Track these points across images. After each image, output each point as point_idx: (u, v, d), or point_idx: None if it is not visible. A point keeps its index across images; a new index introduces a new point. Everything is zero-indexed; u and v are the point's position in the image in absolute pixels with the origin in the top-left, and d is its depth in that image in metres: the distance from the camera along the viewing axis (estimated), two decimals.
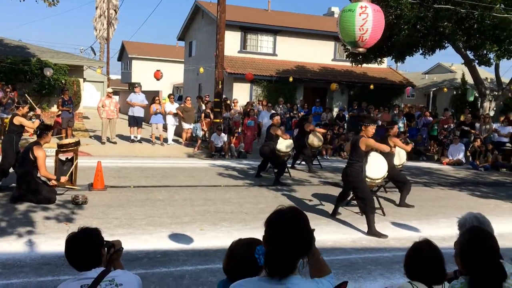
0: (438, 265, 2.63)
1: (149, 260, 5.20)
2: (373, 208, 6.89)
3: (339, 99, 24.61)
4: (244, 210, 7.68)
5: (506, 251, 5.97)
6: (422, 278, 2.63)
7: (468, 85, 25.45)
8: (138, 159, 13.03)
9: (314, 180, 11.22)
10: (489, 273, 2.28)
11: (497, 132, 15.99)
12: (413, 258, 2.71)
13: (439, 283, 2.60)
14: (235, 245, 2.50)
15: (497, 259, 2.35)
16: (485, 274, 2.28)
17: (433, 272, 2.63)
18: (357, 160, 6.96)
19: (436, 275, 2.62)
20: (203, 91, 25.27)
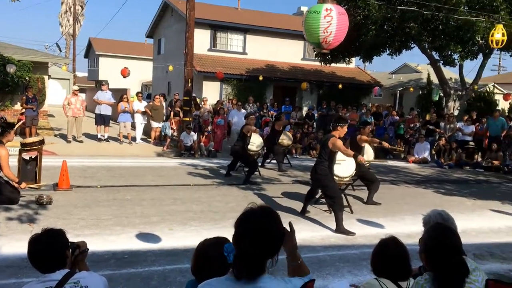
0: (404, 262, 2.69)
1: (116, 261, 5.11)
2: (342, 206, 6.98)
3: (309, 98, 24.84)
4: (214, 209, 7.66)
5: (469, 247, 6.20)
6: (388, 274, 2.68)
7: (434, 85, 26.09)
8: (105, 158, 12.80)
9: (284, 179, 11.28)
10: (452, 269, 2.34)
11: (461, 131, 16.47)
12: (380, 255, 2.76)
13: (404, 279, 2.66)
14: (202, 245, 2.49)
15: (460, 256, 2.41)
16: (448, 270, 2.34)
17: (399, 269, 2.69)
18: (326, 158, 7.04)
19: (402, 272, 2.68)
20: (172, 89, 25.05)
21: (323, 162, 7.04)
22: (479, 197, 10.32)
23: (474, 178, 13.53)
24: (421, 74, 33.15)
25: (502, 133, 15.69)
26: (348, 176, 7.79)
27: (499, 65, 52.66)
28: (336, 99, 21.05)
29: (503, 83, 39.50)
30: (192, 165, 12.50)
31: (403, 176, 13.08)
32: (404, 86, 31.27)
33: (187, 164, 12.56)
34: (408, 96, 29.42)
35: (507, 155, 15.16)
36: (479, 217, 8.36)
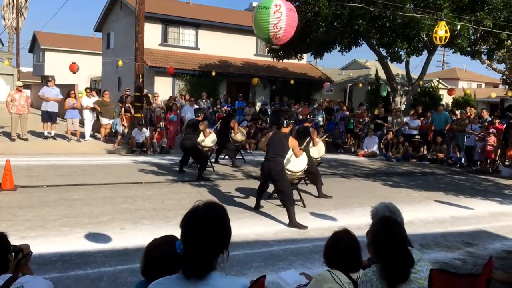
0: (355, 254, 2.76)
1: (63, 263, 4.93)
2: (293, 201, 7.07)
3: (262, 93, 24.95)
4: (166, 207, 7.55)
5: (415, 236, 6.44)
6: (340, 266, 2.75)
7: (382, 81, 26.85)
8: (52, 156, 12.34)
9: (238, 174, 11.29)
10: (398, 260, 2.41)
11: (407, 125, 17.05)
12: (333, 247, 2.82)
13: (356, 271, 2.72)
14: (150, 245, 2.44)
15: (405, 247, 2.49)
16: (395, 262, 2.41)
17: (351, 261, 2.76)
18: (282, 155, 7.15)
19: (354, 264, 2.75)
20: (123, 85, 24.46)
21: (278, 158, 7.12)
22: (425, 188, 10.73)
23: (420, 170, 14.06)
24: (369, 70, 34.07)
25: (446, 127, 16.37)
26: (300, 170, 7.89)
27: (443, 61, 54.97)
28: (289, 95, 21.28)
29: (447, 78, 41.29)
30: (144, 162, 12.27)
31: (353, 169, 13.41)
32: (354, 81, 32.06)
33: (139, 161, 12.31)
34: (357, 91, 30.17)
35: (451, 147, 15.84)
36: (425, 208, 8.69)
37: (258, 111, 20.08)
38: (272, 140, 7.29)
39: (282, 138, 7.18)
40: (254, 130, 16.95)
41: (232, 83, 23.95)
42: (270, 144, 7.27)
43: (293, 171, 7.70)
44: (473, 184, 11.97)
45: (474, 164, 14.88)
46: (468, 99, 26.65)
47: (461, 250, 6.26)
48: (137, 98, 14.85)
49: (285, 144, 7.15)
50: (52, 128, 14.85)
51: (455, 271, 5.32)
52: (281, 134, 7.27)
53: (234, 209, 7.58)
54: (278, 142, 7.18)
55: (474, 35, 17.87)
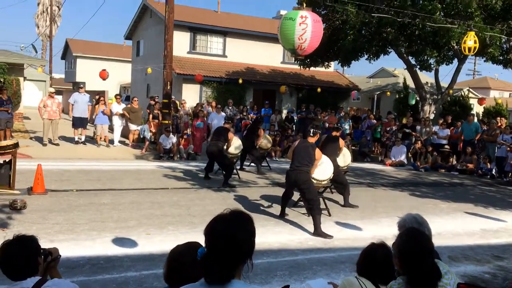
0: (388, 268, 2.75)
1: (91, 267, 5.03)
2: (320, 209, 7.03)
3: (288, 101, 24.94)
4: (192, 213, 7.61)
5: (443, 249, 6.30)
6: (371, 277, 2.75)
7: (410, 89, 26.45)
8: (82, 161, 12.61)
9: (263, 182, 11.29)
10: (424, 273, 2.37)
11: (436, 134, 16.75)
12: (367, 257, 2.83)
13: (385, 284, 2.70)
14: (173, 251, 2.46)
15: (432, 259, 2.44)
16: (421, 274, 2.37)
17: (383, 273, 2.75)
18: (308, 164, 7.15)
19: (385, 276, 2.74)
20: (151, 92, 24.83)
21: (305, 168, 7.11)
22: (454, 199, 10.50)
23: (449, 181, 13.77)
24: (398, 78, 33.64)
25: (476, 137, 16.01)
26: (326, 179, 7.84)
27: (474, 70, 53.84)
28: (315, 103, 21.19)
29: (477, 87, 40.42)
30: (170, 168, 12.41)
31: (380, 179, 13.24)
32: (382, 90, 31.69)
33: (165, 167, 12.46)
34: (385, 100, 29.81)
35: (481, 158, 15.47)
36: (454, 220, 8.50)
37: (284, 118, 20.07)
38: (297, 149, 7.28)
39: (308, 148, 7.18)
40: (280, 137, 16.95)
41: (259, 91, 24.03)
42: (295, 153, 7.26)
43: (319, 180, 7.65)
44: (504, 196, 11.65)
45: (505, 175, 14.48)
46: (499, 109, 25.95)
47: (491, 264, 6.09)
48: (165, 105, 15.06)
49: (311, 154, 7.14)
50: (83, 133, 15.20)
51: (484, 285, 5.19)
52: (308, 144, 7.27)
53: (259, 216, 7.58)
54: (304, 151, 7.17)
55: (506, 44, 17.46)
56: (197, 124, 15.57)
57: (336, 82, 26.46)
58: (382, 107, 28.20)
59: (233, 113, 18.64)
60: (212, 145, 10.58)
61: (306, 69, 22.64)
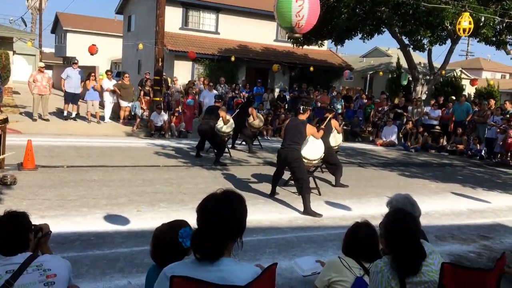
0: (373, 247, 2.82)
1: (82, 243, 5.07)
2: (309, 189, 7.09)
3: (281, 80, 24.85)
4: (183, 191, 7.65)
5: (430, 228, 6.42)
6: (356, 255, 2.84)
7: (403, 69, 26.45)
8: (73, 137, 12.55)
9: (254, 160, 11.34)
10: (409, 253, 2.43)
11: (427, 115, 16.83)
12: (351, 237, 2.91)
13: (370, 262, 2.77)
14: (157, 230, 2.50)
15: (417, 240, 2.50)
16: (406, 254, 2.42)
17: (368, 252, 2.83)
18: (299, 142, 7.15)
19: (370, 255, 2.82)
20: (142, 68, 24.63)
21: (295, 146, 7.11)
22: (443, 180, 10.63)
23: (439, 161, 13.91)
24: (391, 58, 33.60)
25: (467, 118, 16.12)
26: (317, 158, 7.87)
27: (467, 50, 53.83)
28: (308, 81, 21.15)
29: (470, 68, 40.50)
30: (162, 145, 12.41)
31: (370, 158, 13.34)
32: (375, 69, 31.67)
33: (157, 145, 12.45)
34: (378, 79, 29.82)
35: (471, 139, 15.61)
36: (442, 200, 8.62)
37: (276, 97, 20.03)
38: (288, 127, 7.29)
39: (299, 125, 7.17)
40: (272, 116, 16.95)
41: (251, 69, 23.90)
42: (286, 132, 7.27)
43: (310, 159, 7.69)
44: (492, 176, 11.81)
45: (494, 157, 14.65)
46: (491, 90, 26.12)
47: (476, 244, 6.22)
48: (156, 82, 14.96)
49: (302, 132, 7.13)
50: (74, 109, 15.08)
51: (469, 264, 5.31)
52: (298, 121, 7.25)
53: (249, 195, 7.64)
54: (295, 129, 7.17)
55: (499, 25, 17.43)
56: (187, 102, 15.49)
57: (329, 61, 26.37)
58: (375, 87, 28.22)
59: (225, 91, 18.57)
60: (204, 124, 10.55)
61: (299, 48, 22.50)
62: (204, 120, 10.71)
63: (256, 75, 22.91)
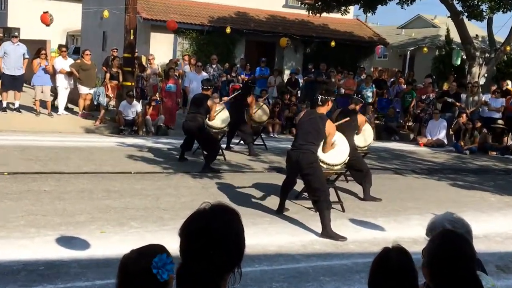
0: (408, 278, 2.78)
1: (28, 274, 5.08)
2: (329, 203, 7.08)
3: (292, 58, 24.86)
4: (162, 206, 7.67)
5: (489, 255, 6.41)
6: None
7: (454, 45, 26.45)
8: (16, 135, 12.58)
9: (257, 166, 11.35)
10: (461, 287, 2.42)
11: (487, 105, 16.82)
12: (379, 268, 2.85)
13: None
14: (126, 258, 2.49)
15: (472, 270, 2.49)
16: None
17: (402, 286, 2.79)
18: (315, 143, 7.14)
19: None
20: (108, 43, 24.66)
21: (311, 147, 7.11)
22: (507, 192, 10.61)
23: (502, 167, 13.89)
24: (438, 29, 33.56)
25: None
26: (339, 163, 7.87)
27: None
28: (328, 61, 21.13)
29: None
30: (134, 145, 12.43)
31: (411, 163, 13.34)
32: (417, 45, 31.62)
33: (127, 145, 12.48)
34: (421, 58, 29.79)
35: None
36: (506, 218, 8.61)
37: (286, 82, 20.04)
38: (302, 123, 7.28)
39: (316, 121, 7.16)
40: (280, 107, 16.96)
41: (253, 44, 23.90)
42: (299, 128, 7.27)
43: (330, 164, 7.69)
44: None
45: None
46: None
47: None
48: (127, 61, 14.96)
49: (320, 129, 7.12)
50: (16, 97, 15.10)
51: None
52: (316, 115, 7.25)
53: (251, 211, 7.65)
54: (311, 125, 7.16)
55: None
56: (168, 88, 15.47)
57: (356, 34, 26.36)
58: (417, 68, 28.20)
59: (217, 73, 18.57)
60: (190, 119, 10.56)
61: (317, 16, 22.49)
62: (190, 114, 10.73)
63: (259, 52, 22.90)
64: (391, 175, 11.55)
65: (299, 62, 24.54)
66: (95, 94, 15.60)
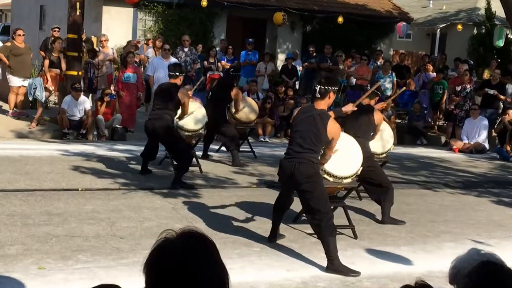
0: None
1: None
2: (334, 227, 7.04)
3: (288, 39, 24.87)
4: (119, 233, 7.63)
5: None
6: None
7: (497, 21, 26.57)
8: None
9: (241, 179, 11.34)
10: None
11: None
12: None
13: None
14: None
15: None
16: None
17: None
18: (315, 149, 7.09)
19: None
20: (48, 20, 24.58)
21: (310, 155, 7.07)
22: None
23: None
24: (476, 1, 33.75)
25: None
26: (350, 175, 7.87)
27: None
28: (334, 42, 21.16)
29: None
30: (82, 154, 12.40)
31: (443, 174, 13.39)
32: (449, 21, 31.75)
33: (73, 153, 12.44)
34: (454, 38, 29.90)
35: None
36: None
37: (280, 69, 20.07)
38: (297, 123, 7.23)
39: (314, 119, 7.11)
40: (272, 102, 16.95)
41: (237, 20, 23.92)
42: (294, 130, 7.22)
43: (338, 177, 7.69)
44: None
45: None
46: None
47: None
48: (71, 43, 14.92)
49: (320, 130, 7.07)
50: None
51: None
52: (314, 113, 7.21)
53: (235, 239, 7.62)
54: (308, 126, 7.11)
55: None
56: (126, 78, 15.42)
57: (371, 7, 26.44)
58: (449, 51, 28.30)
59: (191, 58, 18.53)
60: (155, 118, 10.51)
61: None
62: (155, 110, 10.68)
63: (245, 32, 22.92)
64: (417, 190, 11.58)
65: (297, 44, 24.57)
66: (30, 87, 15.51)
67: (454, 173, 13.68)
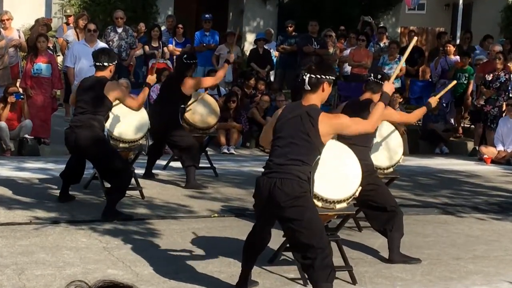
0: None
1: None
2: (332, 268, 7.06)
3: (257, 13, 24.99)
4: (30, 284, 7.57)
5: None
6: None
7: None
8: None
9: (200, 206, 11.35)
10: None
11: None
12: None
13: None
14: None
15: None
16: None
17: None
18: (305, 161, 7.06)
19: None
20: None
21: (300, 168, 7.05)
22: None
23: None
24: None
25: None
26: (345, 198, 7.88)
27: None
28: (321, 18, 21.27)
29: None
30: None
31: (471, 194, 13.48)
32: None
33: None
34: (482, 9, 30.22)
35: None
36: None
37: (248, 55, 20.14)
38: (281, 126, 7.23)
39: (302, 120, 7.12)
40: (239, 100, 16.96)
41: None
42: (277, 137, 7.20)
43: (329, 200, 7.70)
44: None
45: None
46: None
47: None
48: None
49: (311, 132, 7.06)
50: None
51: None
52: (302, 111, 7.22)
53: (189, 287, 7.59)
54: (296, 130, 7.13)
55: None
56: (36, 70, 15.38)
57: None
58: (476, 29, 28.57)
59: (127, 42, 18.52)
60: (78, 125, 10.49)
61: None
62: (78, 116, 10.65)
63: (200, 5, 22.98)
64: (437, 217, 11.63)
65: (271, 21, 24.69)
66: None
67: (486, 191, 13.76)
